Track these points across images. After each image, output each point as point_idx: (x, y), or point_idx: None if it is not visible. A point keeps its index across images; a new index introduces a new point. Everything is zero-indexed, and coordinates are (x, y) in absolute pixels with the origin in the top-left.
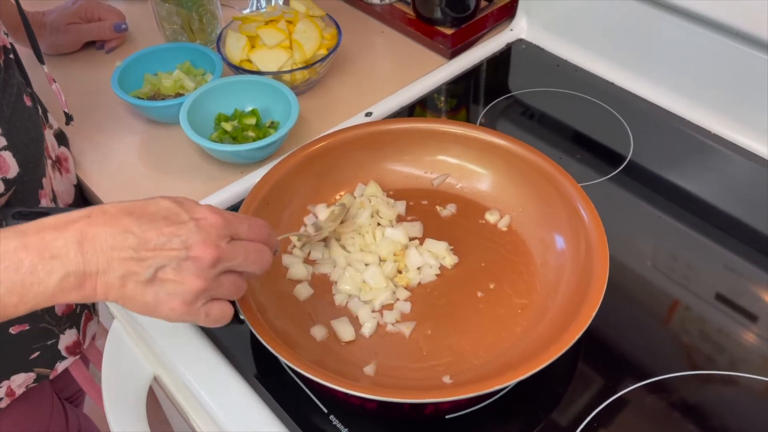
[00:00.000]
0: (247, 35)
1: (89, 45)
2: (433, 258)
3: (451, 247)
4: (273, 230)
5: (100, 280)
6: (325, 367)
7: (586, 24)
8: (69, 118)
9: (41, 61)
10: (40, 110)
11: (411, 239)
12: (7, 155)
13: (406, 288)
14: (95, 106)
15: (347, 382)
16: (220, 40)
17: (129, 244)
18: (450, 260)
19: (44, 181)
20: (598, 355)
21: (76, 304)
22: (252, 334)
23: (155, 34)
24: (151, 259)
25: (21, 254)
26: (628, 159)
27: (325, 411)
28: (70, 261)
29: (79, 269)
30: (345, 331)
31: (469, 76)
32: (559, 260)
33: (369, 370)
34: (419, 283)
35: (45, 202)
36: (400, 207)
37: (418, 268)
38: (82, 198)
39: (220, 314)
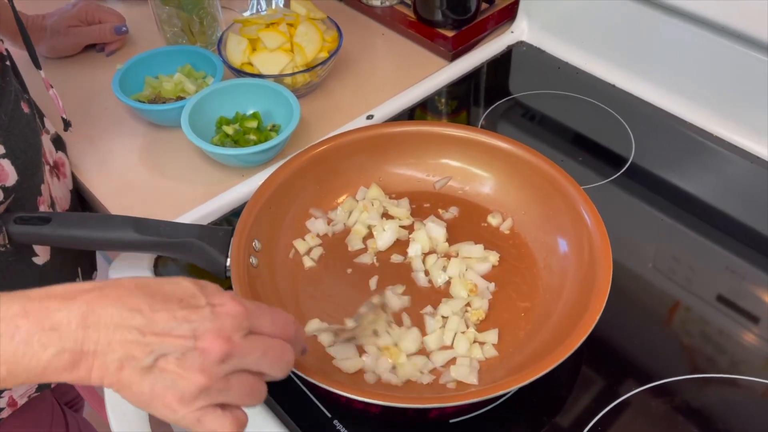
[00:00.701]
0: (248, 38)
1: (90, 48)
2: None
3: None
4: (300, 326)
5: (97, 361)
6: (328, 372)
7: (586, 26)
8: (67, 124)
9: (38, 66)
10: (37, 116)
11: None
12: (6, 163)
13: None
14: (96, 110)
15: (351, 387)
16: (220, 43)
17: (135, 324)
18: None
19: (42, 187)
20: (601, 358)
21: None
22: None
23: (155, 37)
24: (154, 345)
25: (19, 321)
26: (629, 161)
27: (329, 416)
28: (69, 335)
29: (77, 346)
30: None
31: (470, 78)
32: (562, 263)
33: (372, 375)
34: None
35: (43, 209)
36: (404, 205)
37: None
38: (80, 203)
39: (217, 428)
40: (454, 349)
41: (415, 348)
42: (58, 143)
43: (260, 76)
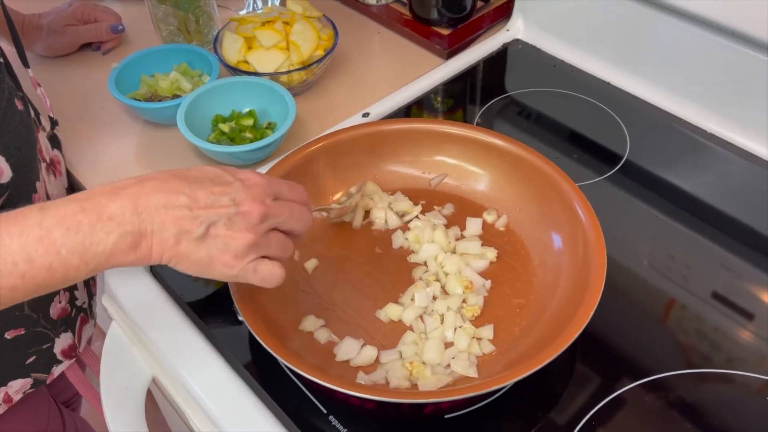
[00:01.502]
0: (243, 36)
1: (86, 47)
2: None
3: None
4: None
5: (156, 238)
6: (324, 368)
7: (582, 24)
8: (54, 124)
9: (26, 64)
10: (32, 113)
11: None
12: (0, 160)
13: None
14: (92, 108)
15: (346, 383)
16: (216, 42)
17: (181, 203)
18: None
19: (38, 185)
20: (596, 354)
21: (71, 308)
22: (251, 335)
23: (152, 36)
24: (203, 216)
25: (80, 216)
26: (624, 158)
27: (325, 411)
28: (126, 221)
29: (135, 229)
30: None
31: (466, 76)
32: (557, 260)
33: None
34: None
35: None
36: (402, 199)
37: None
38: None
39: (268, 272)
40: (455, 345)
41: (438, 359)
42: (54, 141)
43: (256, 74)
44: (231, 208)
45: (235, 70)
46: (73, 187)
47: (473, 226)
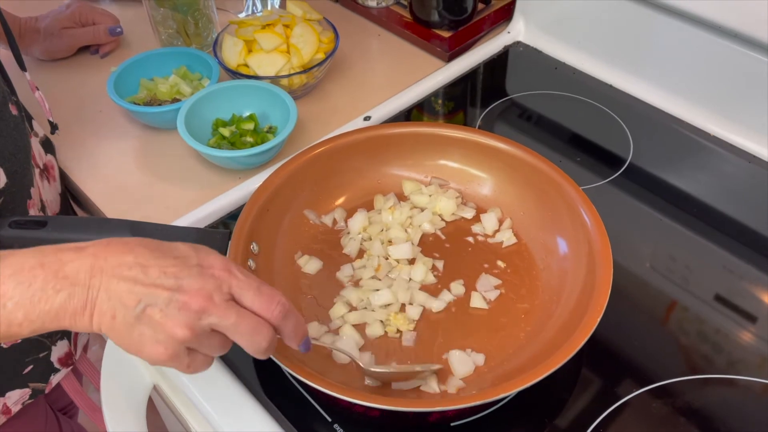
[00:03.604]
0: (243, 39)
1: (84, 50)
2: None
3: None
4: (295, 315)
5: (97, 307)
6: (328, 376)
7: (583, 26)
8: (54, 127)
9: (23, 68)
10: (25, 119)
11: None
12: None
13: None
14: (90, 112)
15: (351, 391)
16: (216, 45)
17: (130, 275)
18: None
19: (32, 190)
20: (601, 359)
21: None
22: None
23: (150, 39)
24: (142, 294)
25: (37, 271)
26: (628, 162)
27: (329, 420)
28: (78, 282)
29: (83, 292)
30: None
31: (467, 79)
32: (562, 264)
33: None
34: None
35: (33, 212)
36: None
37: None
38: (70, 207)
39: (201, 366)
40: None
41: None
42: (47, 146)
43: (256, 77)
44: (173, 293)
45: (235, 74)
46: (72, 192)
47: (489, 221)
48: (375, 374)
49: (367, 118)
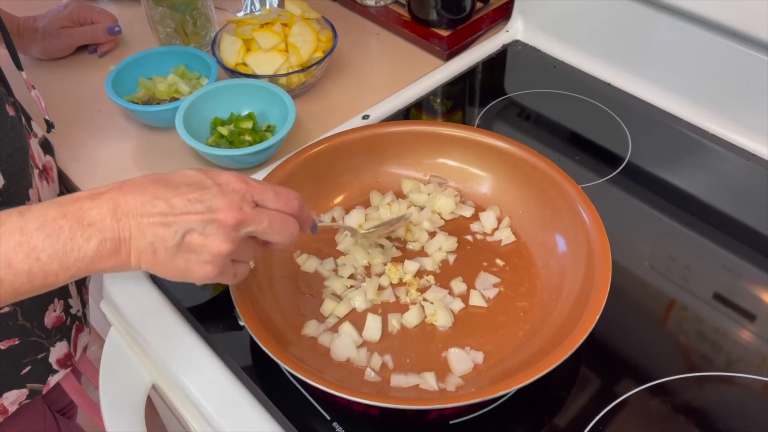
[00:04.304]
0: (242, 38)
1: (82, 49)
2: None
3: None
4: (306, 206)
5: (133, 245)
6: (327, 374)
7: (582, 25)
8: (50, 126)
9: (19, 67)
10: (23, 119)
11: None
12: None
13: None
14: (89, 111)
15: (350, 389)
16: (214, 44)
17: (157, 210)
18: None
19: (31, 192)
20: (599, 357)
21: (66, 316)
22: (252, 341)
23: (148, 38)
24: (178, 224)
25: (61, 222)
26: (626, 160)
27: (328, 418)
28: (106, 227)
29: (114, 235)
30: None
31: (466, 78)
32: (561, 263)
33: (371, 375)
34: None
35: None
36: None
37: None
38: None
39: (243, 274)
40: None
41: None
42: (46, 147)
43: (255, 76)
44: (206, 216)
45: (233, 73)
46: (67, 192)
47: (488, 220)
48: (369, 234)
49: (365, 117)
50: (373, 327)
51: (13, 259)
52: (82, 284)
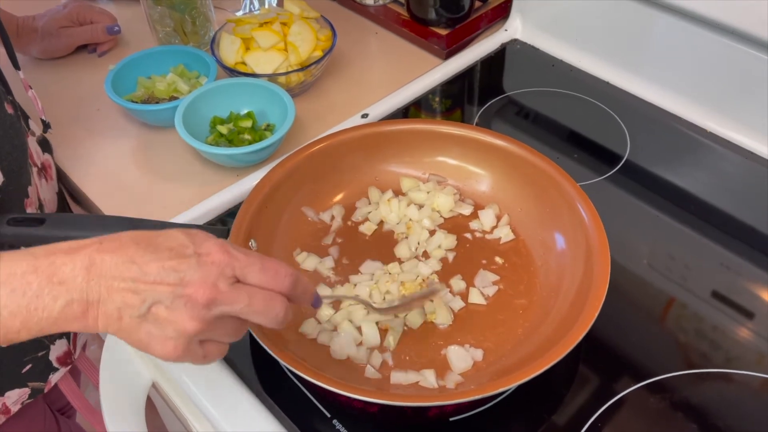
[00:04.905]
0: (241, 37)
1: (81, 49)
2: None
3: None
4: (302, 279)
5: (101, 310)
6: (326, 372)
7: (580, 23)
8: (46, 126)
9: (16, 66)
10: (22, 118)
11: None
12: None
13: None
14: (88, 111)
15: (351, 387)
16: (214, 43)
17: (130, 274)
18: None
19: (30, 189)
20: (598, 355)
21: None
22: (252, 338)
23: (147, 37)
24: (146, 293)
25: (30, 278)
26: (625, 158)
27: (328, 415)
28: (76, 287)
29: (83, 297)
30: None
31: (464, 76)
32: (560, 261)
33: (371, 372)
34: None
35: (31, 211)
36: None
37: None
38: (66, 205)
39: (216, 354)
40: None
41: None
42: (45, 145)
43: (254, 75)
44: (177, 288)
45: (232, 72)
46: (70, 190)
47: (487, 218)
48: (384, 310)
49: (364, 116)
50: (370, 334)
51: None
52: None
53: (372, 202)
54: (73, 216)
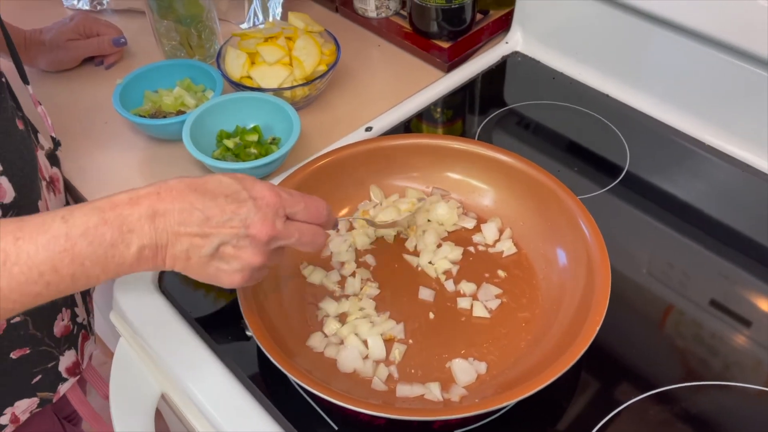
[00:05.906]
0: (246, 52)
1: (88, 62)
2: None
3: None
4: (331, 210)
5: (169, 251)
6: (333, 384)
7: (581, 37)
8: (57, 144)
9: (26, 81)
10: (31, 132)
11: None
12: (3, 180)
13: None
14: (96, 123)
15: (358, 400)
16: (219, 57)
17: (194, 220)
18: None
19: (40, 203)
20: (599, 366)
21: (73, 326)
22: (260, 351)
23: (154, 50)
24: (213, 236)
25: (102, 229)
26: (625, 171)
27: (336, 428)
28: (145, 234)
29: (152, 242)
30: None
31: (466, 89)
32: (561, 275)
33: (378, 385)
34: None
35: None
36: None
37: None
38: None
39: (263, 276)
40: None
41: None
42: (53, 159)
43: (260, 89)
44: (241, 230)
45: (238, 86)
46: (74, 203)
47: (489, 231)
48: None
49: (368, 129)
50: (376, 347)
51: (59, 265)
52: (86, 294)
53: (372, 200)
54: None
